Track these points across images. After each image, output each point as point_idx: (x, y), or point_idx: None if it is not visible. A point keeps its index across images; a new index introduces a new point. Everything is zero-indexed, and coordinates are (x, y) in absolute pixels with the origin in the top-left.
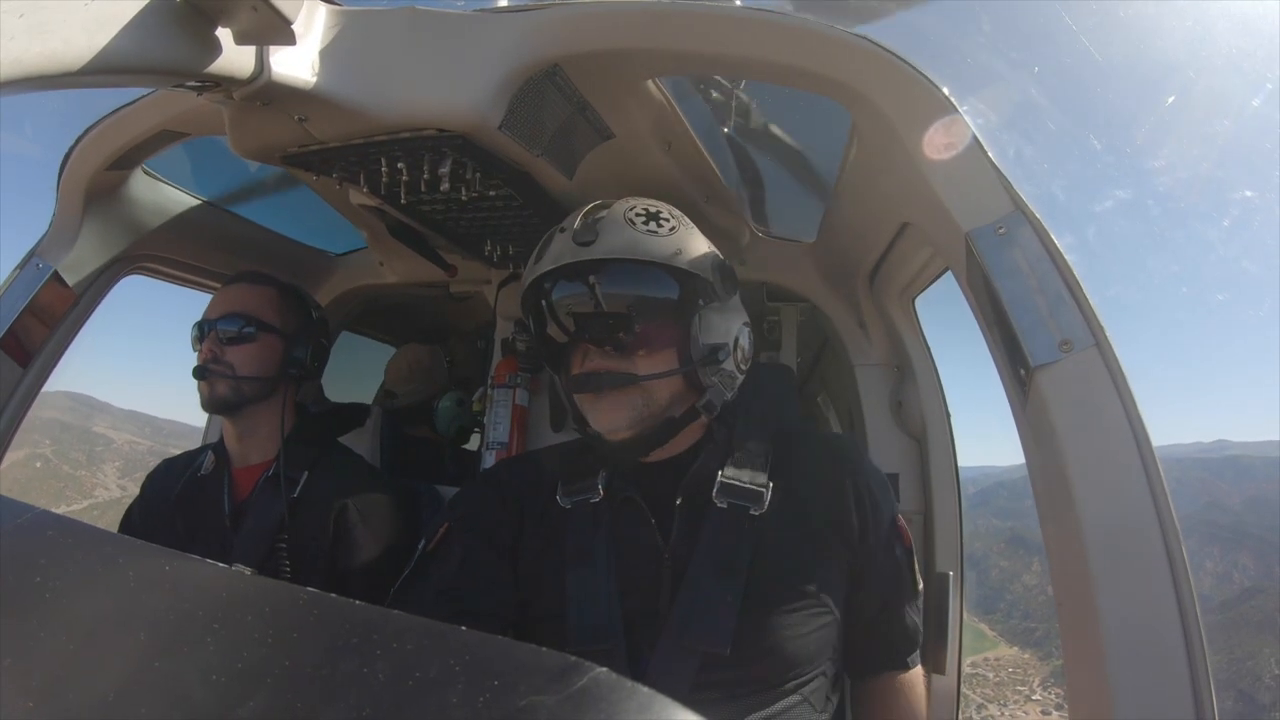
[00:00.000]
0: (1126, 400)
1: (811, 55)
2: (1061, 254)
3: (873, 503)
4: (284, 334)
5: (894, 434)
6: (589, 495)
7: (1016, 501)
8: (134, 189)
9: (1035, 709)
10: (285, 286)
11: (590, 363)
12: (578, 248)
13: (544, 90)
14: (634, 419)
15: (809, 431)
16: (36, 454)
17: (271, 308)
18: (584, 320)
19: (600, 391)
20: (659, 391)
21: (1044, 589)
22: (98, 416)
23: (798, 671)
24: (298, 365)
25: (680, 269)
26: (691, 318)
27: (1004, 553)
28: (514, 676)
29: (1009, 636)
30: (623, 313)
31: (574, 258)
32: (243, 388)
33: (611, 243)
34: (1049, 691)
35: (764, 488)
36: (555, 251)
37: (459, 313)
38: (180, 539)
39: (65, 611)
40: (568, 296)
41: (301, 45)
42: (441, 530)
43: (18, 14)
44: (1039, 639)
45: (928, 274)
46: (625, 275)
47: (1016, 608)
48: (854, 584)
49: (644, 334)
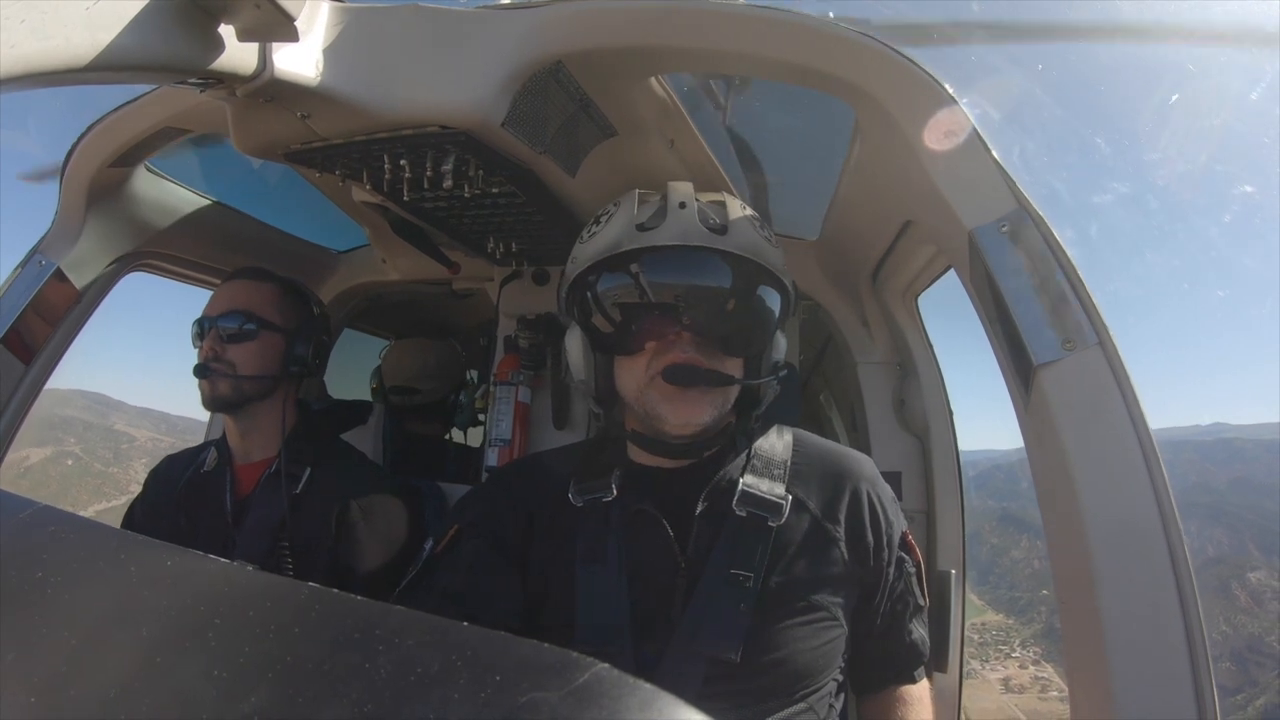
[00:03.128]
0: (1129, 398)
1: (815, 52)
2: (1065, 252)
3: (886, 520)
4: (285, 331)
5: (896, 432)
6: (602, 494)
7: (1012, 484)
8: (137, 186)
9: (1014, 664)
10: (286, 282)
11: (685, 354)
12: (709, 232)
13: (547, 87)
14: (714, 417)
15: (826, 443)
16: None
17: (272, 305)
18: (701, 305)
19: (692, 386)
20: (732, 396)
21: (1030, 563)
22: (114, 414)
23: (806, 683)
24: (299, 363)
25: (787, 284)
26: (777, 331)
27: (995, 531)
28: (516, 672)
29: (995, 605)
30: (739, 312)
31: (707, 242)
32: (244, 386)
33: (742, 240)
34: (1027, 650)
35: (783, 499)
36: (679, 228)
37: (461, 310)
38: (183, 535)
39: (67, 607)
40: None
41: (304, 42)
42: (450, 533)
43: (21, 11)
44: (1022, 606)
45: (930, 272)
46: (752, 275)
47: (1004, 580)
48: (863, 598)
49: (745, 338)
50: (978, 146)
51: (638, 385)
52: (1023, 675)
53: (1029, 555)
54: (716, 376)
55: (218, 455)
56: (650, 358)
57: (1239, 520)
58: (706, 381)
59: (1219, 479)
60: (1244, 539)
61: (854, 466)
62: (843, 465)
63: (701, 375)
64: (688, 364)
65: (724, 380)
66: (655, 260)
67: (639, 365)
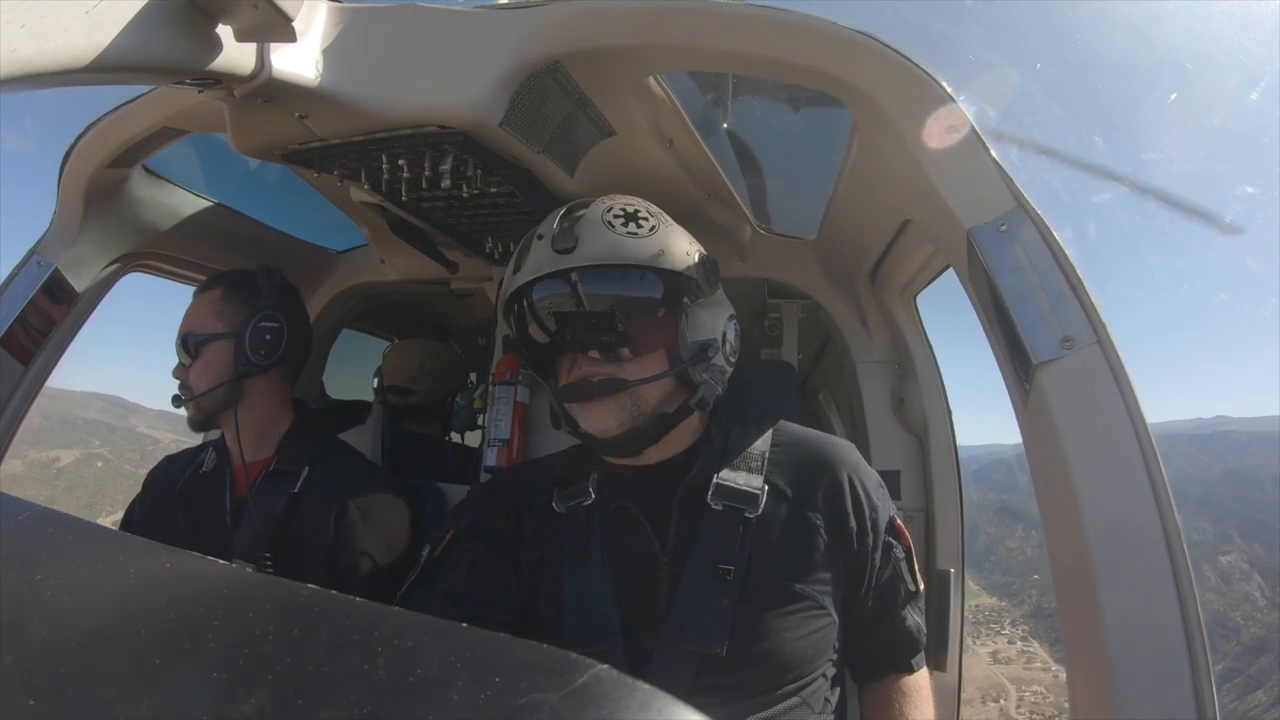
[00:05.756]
0: (1128, 397)
1: (813, 52)
2: (1063, 251)
3: (870, 504)
4: (228, 335)
5: (895, 431)
6: (581, 499)
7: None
8: (135, 186)
9: (1003, 640)
10: (231, 280)
11: (579, 370)
12: (557, 255)
13: (545, 87)
14: (624, 419)
15: (807, 432)
16: (94, 454)
17: (212, 314)
18: (568, 322)
19: (590, 399)
20: (649, 392)
21: (1024, 551)
22: (134, 417)
23: (796, 674)
24: (248, 361)
25: (664, 269)
26: (679, 316)
27: (992, 521)
28: (515, 673)
29: (990, 589)
30: (607, 315)
31: (554, 267)
32: (203, 404)
33: (591, 248)
34: (1016, 628)
35: (759, 490)
36: (535, 261)
37: (460, 310)
38: (182, 536)
39: (66, 608)
40: (548, 297)
41: (302, 42)
42: (447, 538)
43: (19, 12)
44: (1014, 590)
45: (929, 271)
46: (608, 279)
47: (999, 566)
48: (852, 586)
49: (631, 336)
50: (976, 145)
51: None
52: (1010, 650)
53: (1023, 545)
54: (600, 385)
55: (216, 456)
56: (566, 376)
57: (1223, 510)
58: (589, 394)
59: (1212, 471)
60: (1228, 527)
61: (834, 453)
62: (822, 452)
63: (583, 389)
64: (578, 380)
65: (612, 386)
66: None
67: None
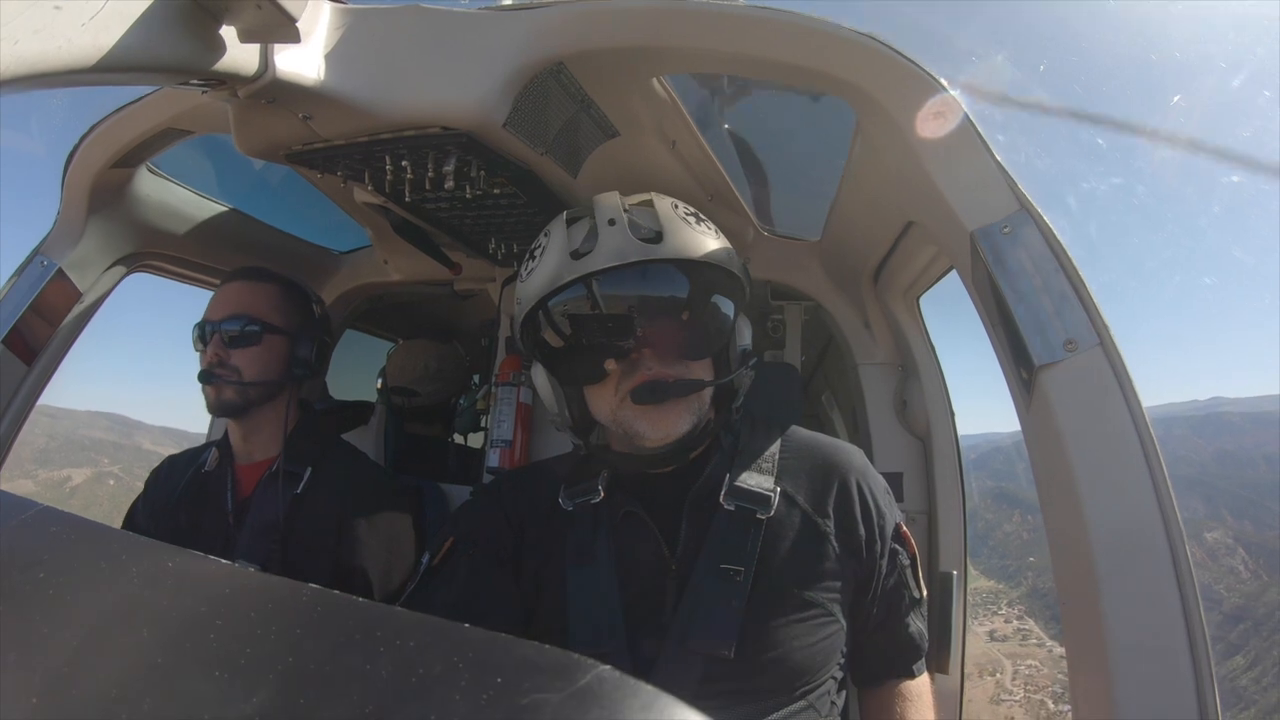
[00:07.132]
0: (1131, 399)
1: (816, 54)
2: (1067, 253)
3: (878, 511)
4: (288, 333)
5: (898, 433)
6: (590, 496)
7: (1009, 465)
8: (138, 187)
9: (999, 619)
10: (287, 282)
11: (650, 370)
12: (644, 244)
13: (548, 88)
14: (693, 423)
15: (815, 436)
16: (105, 472)
17: (274, 306)
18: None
19: (664, 401)
20: (708, 396)
21: (1020, 535)
22: (138, 434)
23: (805, 680)
24: (303, 365)
25: (736, 273)
26: (736, 321)
27: (990, 507)
28: (517, 674)
29: (987, 573)
30: (693, 316)
31: (642, 255)
32: (249, 393)
33: (677, 242)
34: (1012, 608)
35: (771, 492)
36: (612, 246)
37: (463, 311)
38: (184, 535)
39: (68, 608)
40: (623, 293)
41: (306, 43)
42: (446, 545)
43: (22, 12)
44: (1011, 573)
45: (932, 273)
46: (699, 277)
47: (996, 551)
48: (859, 592)
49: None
50: (979, 147)
51: (611, 408)
52: (1006, 628)
53: (1019, 529)
54: (685, 386)
55: (219, 455)
56: (618, 380)
57: (1214, 489)
58: (677, 393)
59: (1205, 452)
60: (1219, 506)
61: (843, 458)
62: (832, 458)
63: (670, 389)
64: (654, 380)
65: (694, 387)
66: (598, 283)
67: (608, 389)
